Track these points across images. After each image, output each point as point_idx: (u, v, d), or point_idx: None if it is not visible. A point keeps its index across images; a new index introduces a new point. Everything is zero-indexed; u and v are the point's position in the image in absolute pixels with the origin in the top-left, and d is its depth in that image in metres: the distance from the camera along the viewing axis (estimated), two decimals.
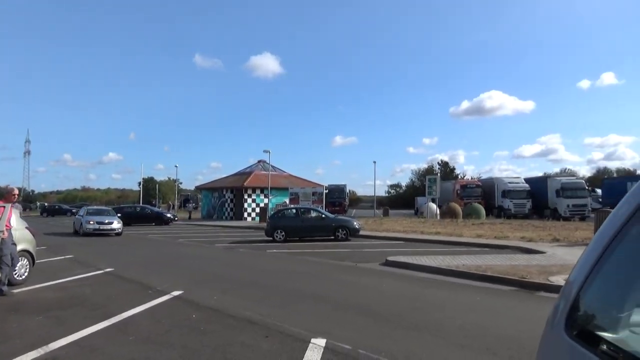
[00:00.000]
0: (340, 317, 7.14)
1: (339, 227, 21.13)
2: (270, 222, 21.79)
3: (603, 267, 1.29)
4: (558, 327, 1.38)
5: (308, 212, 22.68)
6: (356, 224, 21.75)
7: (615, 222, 1.27)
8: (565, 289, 1.45)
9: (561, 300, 1.45)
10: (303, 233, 21.42)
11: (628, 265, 1.31)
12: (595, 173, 79.71)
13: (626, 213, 1.23)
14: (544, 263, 12.48)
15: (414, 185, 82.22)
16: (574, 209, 38.16)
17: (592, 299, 1.35)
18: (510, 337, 6.05)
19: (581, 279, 1.34)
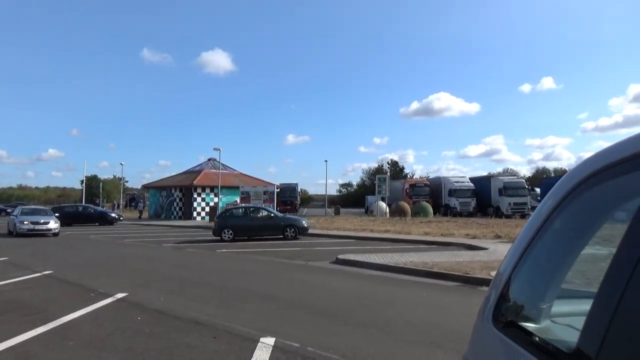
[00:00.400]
0: (290, 316, 7.14)
1: (287, 226, 21.13)
2: (218, 221, 21.49)
3: (527, 260, 1.36)
4: (487, 318, 1.45)
5: (257, 211, 22.53)
6: (305, 223, 21.84)
7: (540, 216, 1.34)
8: (495, 281, 1.53)
9: (491, 292, 1.52)
10: (252, 232, 21.29)
11: (549, 257, 1.40)
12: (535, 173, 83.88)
13: (550, 207, 1.30)
14: (486, 259, 13.01)
15: (364, 184, 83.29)
16: (515, 207, 40.00)
17: (518, 290, 1.43)
18: (454, 330, 6.26)
19: (508, 271, 1.41)
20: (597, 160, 1.18)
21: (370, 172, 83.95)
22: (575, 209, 1.25)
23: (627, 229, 0.96)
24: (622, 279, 0.89)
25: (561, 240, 1.38)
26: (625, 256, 0.93)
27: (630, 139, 1.10)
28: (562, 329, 1.36)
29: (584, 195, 1.21)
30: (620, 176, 1.09)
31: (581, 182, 1.21)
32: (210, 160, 46.65)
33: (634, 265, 0.88)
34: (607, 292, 0.94)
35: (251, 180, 45.52)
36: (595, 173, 1.16)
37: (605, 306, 0.92)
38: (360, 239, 20.83)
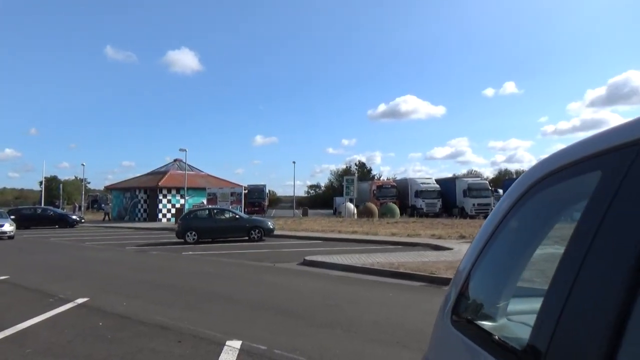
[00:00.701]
0: (257, 318, 7.11)
1: (253, 228, 21.00)
2: (182, 223, 21.12)
3: (485, 259, 1.41)
4: (446, 317, 1.49)
5: (221, 213, 22.26)
6: (270, 224, 21.76)
7: (497, 216, 1.39)
8: (454, 280, 1.57)
9: (451, 290, 1.56)
10: (216, 234, 21.06)
11: (506, 256, 1.45)
12: (498, 174, 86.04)
13: (506, 208, 1.36)
14: (451, 259, 13.29)
15: (332, 185, 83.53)
16: (479, 207, 40.95)
17: (476, 289, 1.48)
18: (419, 330, 6.36)
19: (467, 270, 1.46)
20: (551, 162, 1.23)
21: (338, 173, 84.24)
22: (529, 209, 1.30)
23: (573, 230, 1.01)
24: (569, 278, 0.93)
25: (516, 240, 1.43)
26: (571, 255, 0.97)
27: (582, 142, 1.15)
28: (517, 326, 1.41)
29: (538, 195, 1.26)
30: (572, 178, 1.14)
31: (535, 183, 1.26)
32: (176, 161, 45.84)
33: (579, 264, 0.92)
34: (556, 290, 0.98)
35: (218, 181, 45.00)
36: (548, 174, 1.21)
37: (553, 304, 0.96)
38: (328, 240, 20.90)
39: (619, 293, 0.79)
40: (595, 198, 0.98)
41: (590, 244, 0.91)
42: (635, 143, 0.92)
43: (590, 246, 0.91)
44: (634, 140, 0.93)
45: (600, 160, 1.02)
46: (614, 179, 0.93)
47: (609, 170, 0.98)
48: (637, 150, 0.90)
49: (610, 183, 0.94)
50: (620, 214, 0.88)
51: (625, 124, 1.03)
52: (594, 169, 1.03)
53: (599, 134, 1.11)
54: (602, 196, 0.95)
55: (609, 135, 1.05)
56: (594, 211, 0.96)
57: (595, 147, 1.06)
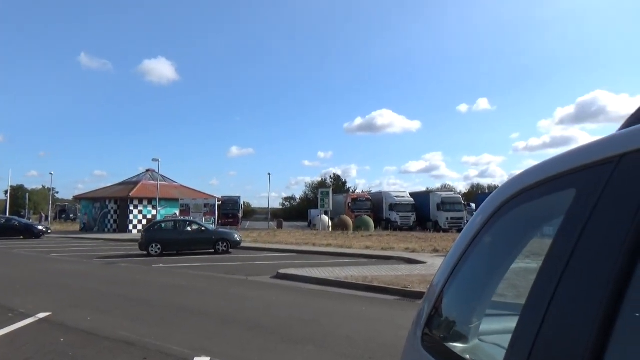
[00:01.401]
0: (227, 333, 6.93)
1: (219, 240, 20.65)
2: (146, 235, 20.55)
3: (458, 276, 1.37)
4: (417, 336, 1.43)
5: (187, 225, 21.77)
6: (237, 237, 21.45)
7: (470, 232, 1.36)
8: (427, 296, 1.52)
9: (422, 306, 1.51)
10: (181, 246, 20.62)
11: (478, 273, 1.41)
12: (470, 189, 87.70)
13: (479, 223, 1.32)
14: (425, 273, 13.33)
15: (308, 198, 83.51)
16: (452, 221, 41.51)
17: (448, 307, 1.43)
18: (392, 345, 6.31)
19: (439, 287, 1.41)
20: (524, 178, 1.21)
21: (313, 185, 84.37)
22: (503, 225, 1.27)
23: (549, 249, 0.97)
24: (545, 297, 0.90)
25: (490, 257, 1.39)
26: (547, 275, 0.94)
27: (556, 159, 1.13)
28: (489, 348, 1.36)
29: (512, 212, 1.23)
30: (546, 195, 1.11)
31: (509, 200, 1.23)
32: (149, 171, 45.00)
33: (556, 283, 0.89)
34: (531, 309, 0.95)
35: (192, 192, 44.34)
36: (522, 191, 1.19)
37: (529, 324, 0.92)
38: (302, 252, 20.76)
39: (598, 312, 0.77)
40: (570, 216, 0.95)
41: (566, 263, 0.89)
42: (610, 160, 0.90)
43: (566, 265, 0.89)
44: (608, 157, 0.91)
45: (575, 178, 1.00)
46: (589, 196, 0.91)
47: (584, 188, 0.95)
48: (613, 167, 0.88)
49: (585, 201, 0.92)
50: (596, 233, 0.86)
51: (599, 141, 1.01)
52: (569, 186, 1.01)
53: (572, 151, 1.09)
54: (577, 214, 0.93)
55: (583, 152, 1.03)
56: (569, 229, 0.93)
57: (569, 164, 1.04)
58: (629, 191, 0.83)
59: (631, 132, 0.92)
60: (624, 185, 0.84)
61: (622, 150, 0.89)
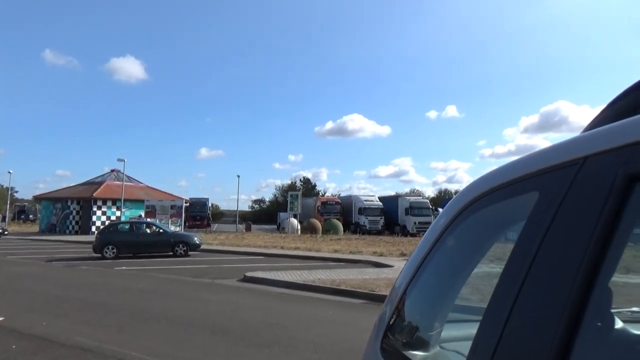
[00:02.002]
0: (191, 338, 6.75)
1: (178, 243, 20.17)
2: (100, 237, 19.86)
3: (420, 280, 1.33)
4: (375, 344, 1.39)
5: (144, 227, 21.20)
6: (196, 239, 20.98)
7: (433, 235, 1.33)
8: (388, 300, 1.48)
9: (384, 311, 1.47)
10: (137, 249, 19.99)
11: (440, 278, 1.38)
12: (438, 194, 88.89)
13: (442, 226, 1.29)
14: (392, 276, 13.41)
15: (277, 200, 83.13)
16: (420, 225, 42.02)
17: (409, 312, 1.40)
18: (357, 349, 6.26)
19: (401, 291, 1.37)
20: (486, 181, 1.18)
21: (283, 188, 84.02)
22: (465, 229, 1.25)
23: (511, 253, 0.95)
24: (507, 301, 0.88)
25: (452, 261, 1.37)
26: (509, 279, 0.92)
27: (517, 162, 1.11)
28: (451, 355, 1.33)
29: (474, 215, 1.21)
30: (508, 198, 1.09)
31: (471, 203, 1.20)
32: (114, 171, 43.84)
33: (518, 287, 0.87)
34: (493, 314, 0.93)
35: (158, 193, 43.45)
36: (484, 194, 1.16)
37: (491, 329, 0.90)
38: (270, 255, 20.59)
39: (561, 317, 0.75)
40: (533, 219, 0.93)
41: (529, 267, 0.87)
42: (573, 163, 0.88)
43: (529, 269, 0.86)
44: (571, 160, 0.89)
45: (537, 181, 0.98)
46: (552, 199, 0.89)
47: (546, 191, 0.93)
48: (576, 170, 0.87)
49: (548, 204, 0.90)
50: (559, 237, 0.84)
51: (562, 143, 0.99)
52: (531, 189, 0.99)
53: (534, 154, 1.07)
54: (540, 217, 0.91)
55: (546, 155, 1.02)
56: (532, 233, 0.91)
57: (532, 167, 1.02)
58: (592, 194, 0.81)
59: (594, 134, 0.90)
60: (587, 188, 0.83)
61: (584, 153, 0.87)
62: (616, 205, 0.74)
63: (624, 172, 0.75)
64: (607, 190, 0.76)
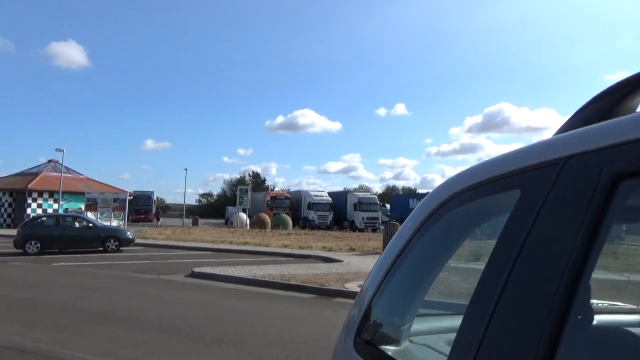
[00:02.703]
0: (136, 336, 6.52)
1: (109, 237, 19.18)
2: (22, 231, 18.43)
3: (393, 277, 1.34)
4: (348, 338, 1.39)
5: (71, 220, 20.05)
6: (129, 234, 20.10)
7: (406, 231, 1.33)
8: (358, 299, 1.48)
9: (353, 311, 1.47)
10: (64, 244, 18.83)
11: (413, 274, 1.40)
12: (386, 190, 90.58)
13: (416, 223, 1.30)
14: (341, 271, 13.57)
15: (225, 195, 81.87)
16: (368, 221, 42.81)
17: (380, 312, 1.40)
18: (309, 343, 6.32)
19: (372, 289, 1.38)
20: (464, 178, 1.20)
21: (232, 182, 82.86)
22: (440, 226, 1.26)
23: (494, 248, 0.96)
24: (491, 298, 0.89)
25: (426, 258, 1.38)
26: (493, 274, 0.93)
27: (497, 160, 1.13)
28: (419, 349, 1.35)
29: (451, 213, 1.22)
30: (487, 196, 1.11)
31: (448, 200, 1.22)
32: (51, 162, 41.51)
33: (503, 283, 0.88)
34: (477, 310, 0.94)
35: (100, 186, 41.60)
36: (461, 191, 1.18)
37: (475, 324, 0.91)
38: (218, 250, 20.26)
39: (549, 312, 0.76)
40: (516, 217, 0.95)
41: (513, 263, 0.88)
42: (555, 162, 0.91)
43: (513, 266, 0.88)
44: (553, 159, 0.92)
45: (518, 179, 1.00)
46: (535, 198, 0.91)
47: (528, 189, 0.95)
48: (558, 169, 0.89)
49: (530, 201, 0.92)
50: (544, 235, 0.86)
51: (544, 142, 1.02)
52: (512, 187, 1.01)
53: (515, 152, 1.09)
54: (523, 216, 0.92)
55: (527, 153, 1.03)
56: (515, 231, 0.93)
57: (512, 165, 1.04)
58: (576, 192, 0.83)
59: (575, 135, 0.93)
60: (571, 187, 0.85)
61: (566, 153, 0.89)
62: (601, 203, 0.77)
63: (609, 170, 0.77)
64: (591, 189, 0.79)
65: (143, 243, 22.33)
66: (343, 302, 9.67)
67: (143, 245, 21.65)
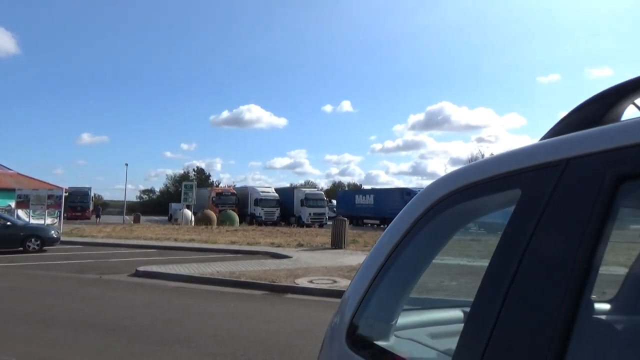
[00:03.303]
0: (82, 339, 6.21)
1: (29, 237, 17.76)
2: None
3: (384, 278, 1.33)
4: (339, 339, 1.38)
5: None
6: (53, 233, 18.75)
7: (395, 234, 1.33)
8: (349, 300, 1.45)
9: (343, 311, 1.45)
10: None
11: (406, 272, 1.40)
12: (332, 186, 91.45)
13: (410, 221, 1.29)
14: (291, 267, 13.56)
15: (168, 191, 79.55)
16: (315, 217, 43.07)
17: (374, 309, 1.39)
18: (263, 340, 6.27)
19: (362, 290, 1.36)
20: (464, 176, 1.21)
21: (175, 178, 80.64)
22: (435, 225, 1.26)
23: (497, 248, 0.98)
24: (496, 298, 0.90)
25: (419, 256, 1.38)
26: (497, 274, 0.94)
27: (497, 158, 1.15)
28: (406, 343, 1.37)
29: (447, 212, 1.23)
30: (487, 194, 1.13)
31: (447, 196, 1.22)
32: None
33: (508, 283, 0.89)
34: (481, 311, 0.94)
35: (32, 182, 39.17)
36: (462, 188, 1.19)
37: (480, 326, 0.92)
38: (163, 248, 19.63)
39: (558, 311, 0.78)
40: (518, 216, 0.97)
41: (519, 263, 0.90)
42: (557, 163, 0.93)
43: (519, 265, 0.89)
44: (555, 160, 0.94)
45: (519, 178, 1.02)
46: (537, 197, 0.93)
47: (529, 189, 0.97)
48: (560, 171, 0.91)
49: (532, 201, 0.94)
50: (550, 234, 0.88)
51: (545, 143, 1.04)
52: (513, 186, 1.03)
53: (516, 152, 1.11)
54: (525, 215, 0.94)
55: (527, 154, 1.06)
56: (518, 230, 0.94)
57: (513, 165, 1.06)
58: (580, 193, 0.86)
59: (577, 137, 0.96)
60: (574, 188, 0.88)
61: (568, 155, 0.92)
62: (605, 203, 0.80)
63: (613, 173, 0.81)
64: (595, 191, 0.82)
65: (81, 242, 21.26)
66: (295, 298, 9.69)
67: (81, 243, 20.61)
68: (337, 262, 14.79)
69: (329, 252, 18.08)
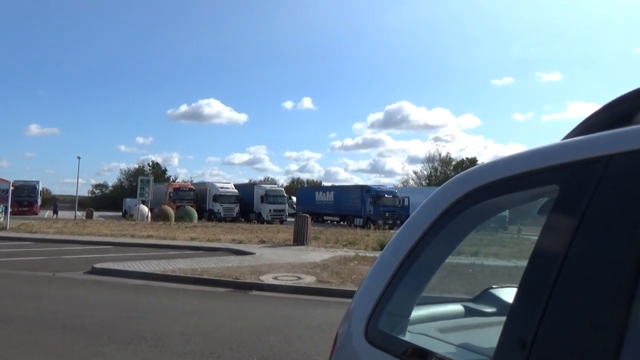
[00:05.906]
0: (38, 340, 5.91)
1: None
2: None
3: (404, 276, 1.30)
4: (357, 334, 1.35)
5: None
6: None
7: (415, 233, 1.30)
8: (366, 296, 1.43)
9: (361, 306, 1.43)
10: None
11: (430, 268, 1.38)
12: (291, 182, 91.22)
13: (433, 216, 1.28)
14: (254, 263, 13.43)
15: (122, 185, 77.13)
16: (275, 213, 42.85)
17: (393, 304, 1.36)
18: (230, 337, 6.19)
19: (381, 287, 1.33)
20: (492, 171, 1.20)
21: (129, 173, 78.18)
22: (461, 220, 1.25)
23: (536, 245, 0.97)
24: (541, 297, 0.89)
25: (443, 253, 1.37)
26: (539, 272, 0.94)
27: (531, 153, 1.15)
28: (418, 337, 1.36)
29: (478, 205, 1.22)
30: (520, 190, 1.12)
31: (473, 192, 1.21)
32: None
33: (552, 282, 0.88)
34: (523, 313, 0.93)
35: None
36: (491, 184, 1.17)
37: (522, 327, 0.91)
38: (119, 245, 18.97)
39: (611, 313, 0.77)
40: (558, 213, 0.96)
41: (562, 261, 0.88)
42: (597, 160, 0.93)
43: (562, 263, 0.88)
44: (596, 156, 0.94)
45: (557, 174, 1.02)
46: (578, 194, 0.93)
47: (569, 185, 0.97)
48: (602, 167, 0.91)
49: (573, 198, 0.94)
50: (598, 232, 0.87)
51: (583, 139, 1.04)
52: (549, 182, 1.03)
53: (553, 147, 1.11)
54: (568, 211, 0.94)
55: (566, 149, 1.05)
56: (559, 227, 0.94)
57: (551, 160, 1.05)
58: (626, 191, 0.86)
59: (618, 134, 0.96)
60: (620, 185, 0.88)
61: (611, 151, 0.92)
62: None
63: None
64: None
65: (31, 237, 20.26)
66: (260, 295, 9.61)
67: (31, 240, 19.63)
68: (300, 258, 14.77)
69: (292, 249, 18.04)
